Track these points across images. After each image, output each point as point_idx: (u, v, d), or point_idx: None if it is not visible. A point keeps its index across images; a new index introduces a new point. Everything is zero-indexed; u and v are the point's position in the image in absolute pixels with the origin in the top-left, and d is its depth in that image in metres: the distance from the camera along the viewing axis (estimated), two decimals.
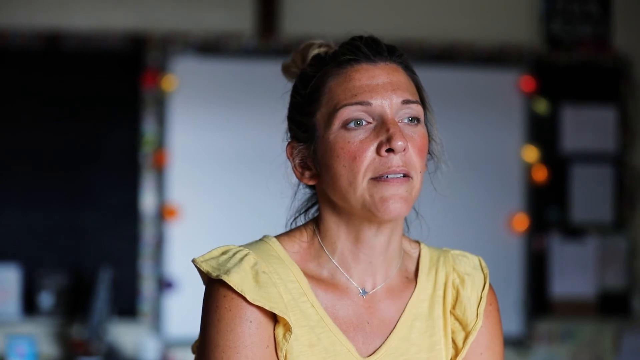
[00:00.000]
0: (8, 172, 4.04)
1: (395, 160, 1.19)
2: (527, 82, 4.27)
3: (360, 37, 1.27)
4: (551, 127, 4.32)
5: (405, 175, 1.20)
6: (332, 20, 4.15)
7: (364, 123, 1.21)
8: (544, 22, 4.37)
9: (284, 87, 1.35)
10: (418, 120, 1.24)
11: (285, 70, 1.37)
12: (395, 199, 1.19)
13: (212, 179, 4.09)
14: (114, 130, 4.09)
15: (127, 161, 4.07)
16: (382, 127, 1.21)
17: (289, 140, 1.31)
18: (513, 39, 4.31)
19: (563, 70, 4.35)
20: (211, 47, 4.13)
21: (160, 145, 4.06)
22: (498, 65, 4.27)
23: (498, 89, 4.27)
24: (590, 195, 4.33)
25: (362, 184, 1.20)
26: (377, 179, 1.20)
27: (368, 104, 1.21)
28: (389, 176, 1.19)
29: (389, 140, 1.19)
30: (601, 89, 4.38)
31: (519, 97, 4.28)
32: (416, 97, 1.25)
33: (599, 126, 4.34)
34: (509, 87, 4.27)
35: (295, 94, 1.30)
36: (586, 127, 4.33)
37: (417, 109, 1.24)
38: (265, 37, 4.16)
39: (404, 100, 1.22)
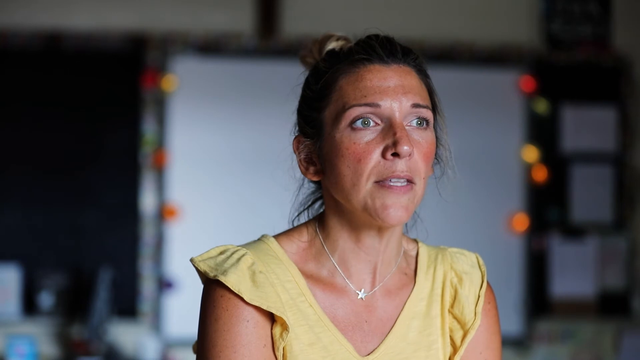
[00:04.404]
0: (8, 172, 4.04)
1: (400, 165, 1.19)
2: (527, 82, 4.27)
3: (377, 36, 1.26)
4: (551, 127, 4.32)
5: (408, 182, 1.20)
6: (332, 20, 4.15)
7: (372, 124, 1.20)
8: (544, 22, 4.37)
9: (286, 87, 1.35)
10: (427, 124, 1.23)
11: (302, 60, 1.36)
12: (396, 207, 1.19)
13: (212, 179, 4.09)
14: (114, 130, 4.09)
15: (127, 161, 4.07)
16: (390, 130, 1.20)
17: (297, 134, 1.30)
18: (513, 39, 4.31)
19: (563, 70, 4.35)
20: (211, 47, 4.13)
21: (160, 145, 4.06)
22: (498, 65, 4.27)
23: (498, 89, 4.27)
24: (590, 195, 4.32)
25: (366, 186, 1.19)
26: (381, 183, 1.19)
27: (377, 105, 1.20)
28: (392, 181, 1.19)
29: (395, 144, 1.18)
30: (601, 89, 4.38)
31: (519, 97, 4.28)
32: (427, 102, 1.24)
33: (599, 126, 4.34)
34: (509, 87, 4.27)
35: (306, 88, 1.29)
36: (586, 127, 4.33)
37: (426, 114, 1.23)
38: (265, 37, 4.16)
39: (413, 104, 1.22)
